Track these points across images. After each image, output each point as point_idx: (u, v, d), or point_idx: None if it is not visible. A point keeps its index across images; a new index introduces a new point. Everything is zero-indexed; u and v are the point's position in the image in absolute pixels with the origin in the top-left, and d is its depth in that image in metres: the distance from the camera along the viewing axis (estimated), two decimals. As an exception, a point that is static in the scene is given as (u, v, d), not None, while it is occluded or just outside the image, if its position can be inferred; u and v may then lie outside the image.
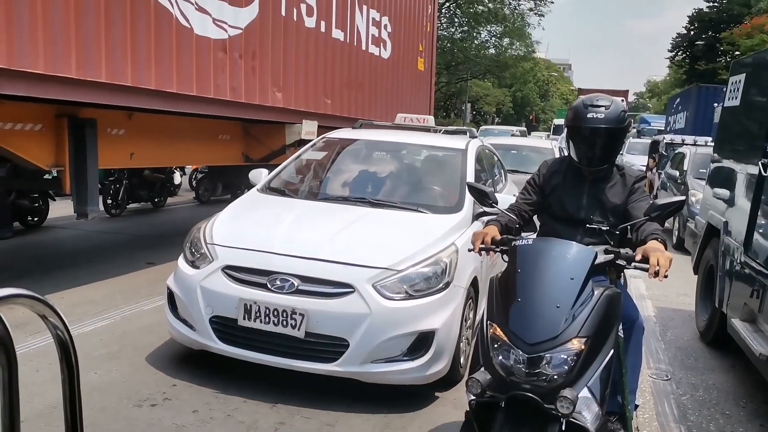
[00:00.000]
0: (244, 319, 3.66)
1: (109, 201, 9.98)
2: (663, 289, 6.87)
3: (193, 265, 3.99)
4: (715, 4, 42.07)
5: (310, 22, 8.46)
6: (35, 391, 3.56)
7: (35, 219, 8.70)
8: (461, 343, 3.97)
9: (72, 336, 1.36)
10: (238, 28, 6.93)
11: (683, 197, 2.94)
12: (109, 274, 6.37)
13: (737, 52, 29.02)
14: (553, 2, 34.18)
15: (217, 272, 3.82)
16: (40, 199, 8.64)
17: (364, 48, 10.29)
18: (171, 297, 4.06)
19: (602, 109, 2.82)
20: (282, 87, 7.95)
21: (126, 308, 5.32)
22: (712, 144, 7.52)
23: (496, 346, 2.41)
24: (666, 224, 9.75)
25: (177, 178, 11.83)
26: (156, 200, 11.28)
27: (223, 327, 3.77)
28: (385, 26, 11.06)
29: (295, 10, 8.06)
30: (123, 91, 5.51)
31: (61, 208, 8.94)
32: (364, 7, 10.09)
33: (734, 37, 33.17)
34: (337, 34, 9.32)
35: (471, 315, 4.23)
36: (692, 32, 43.18)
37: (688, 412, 4.05)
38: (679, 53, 45.47)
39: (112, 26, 5.25)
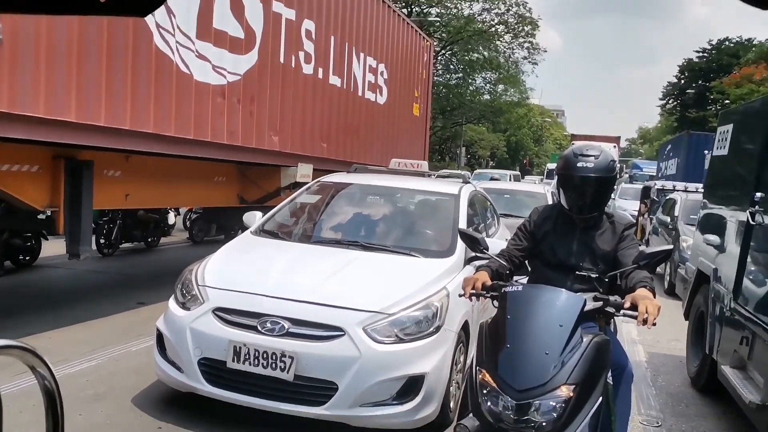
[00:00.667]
0: (233, 361, 3.64)
1: (102, 240, 9.96)
2: (654, 335, 6.85)
3: (183, 306, 3.98)
4: (705, 54, 43.13)
5: (307, 69, 8.64)
6: (19, 434, 3.50)
7: (27, 258, 8.66)
8: (451, 388, 3.95)
9: (59, 387, 1.37)
10: (237, 75, 7.07)
11: (671, 246, 2.99)
12: (99, 314, 6.33)
13: (727, 101, 29.60)
14: (546, 51, 34.95)
15: (208, 314, 3.82)
16: (33, 238, 8.62)
17: (360, 94, 10.48)
18: (160, 338, 4.04)
19: (592, 158, 2.89)
20: (279, 131, 8.06)
21: (114, 349, 5.27)
22: (702, 191, 7.61)
23: (485, 392, 2.41)
24: (658, 269, 9.78)
25: (171, 218, 11.84)
26: (149, 240, 11.26)
27: (212, 369, 3.74)
28: (382, 73, 11.29)
29: (293, 58, 8.23)
30: (121, 134, 5.59)
31: (53, 247, 8.91)
32: (362, 55, 10.31)
33: (724, 86, 33.88)
34: (334, 80, 9.51)
35: (461, 359, 4.22)
36: (683, 81, 44.14)
37: (680, 461, 4.01)
38: (670, 101, 46.38)
39: (113, 72, 5.36)
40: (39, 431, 1.49)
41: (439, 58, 32.51)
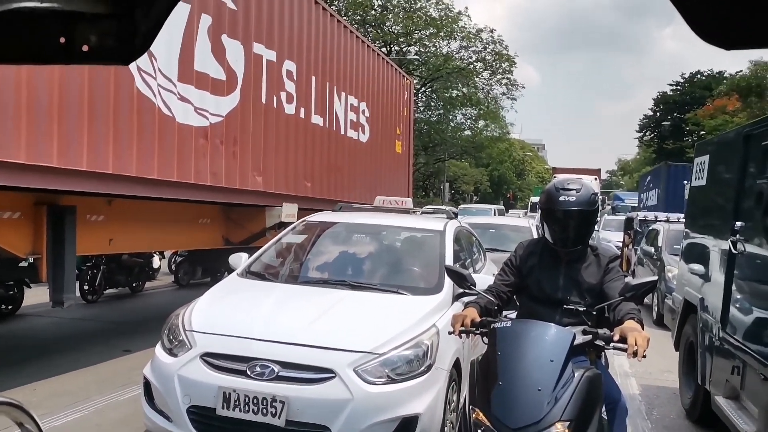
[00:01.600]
0: (223, 408, 3.57)
1: (86, 287, 9.81)
2: (646, 367, 6.84)
3: (170, 352, 3.92)
4: (678, 87, 44.23)
5: (289, 109, 8.71)
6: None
7: (9, 307, 8.49)
8: (445, 428, 3.90)
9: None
10: (220, 116, 7.11)
11: (655, 278, 3.01)
12: (84, 363, 6.21)
13: (702, 132, 30.25)
14: (524, 87, 35.63)
15: (196, 360, 3.75)
16: (15, 286, 8.48)
17: (342, 132, 10.57)
18: (147, 387, 3.96)
19: (573, 192, 2.93)
20: (262, 171, 8.07)
21: (100, 399, 5.15)
22: (684, 220, 7.71)
23: (479, 431, 2.38)
24: (645, 300, 9.82)
25: (156, 261, 11.72)
26: (134, 285, 11.12)
27: (201, 417, 3.66)
28: (363, 111, 11.41)
29: (275, 98, 8.31)
30: (104, 178, 5.56)
31: (36, 296, 8.76)
32: (343, 94, 10.43)
33: (698, 117, 34.70)
34: (317, 119, 9.59)
35: (454, 398, 4.17)
36: (659, 113, 45.17)
37: (678, 494, 3.97)
38: (647, 133, 47.34)
39: (95, 116, 5.36)
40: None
41: (420, 95, 33.00)
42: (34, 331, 7.91)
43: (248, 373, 3.61)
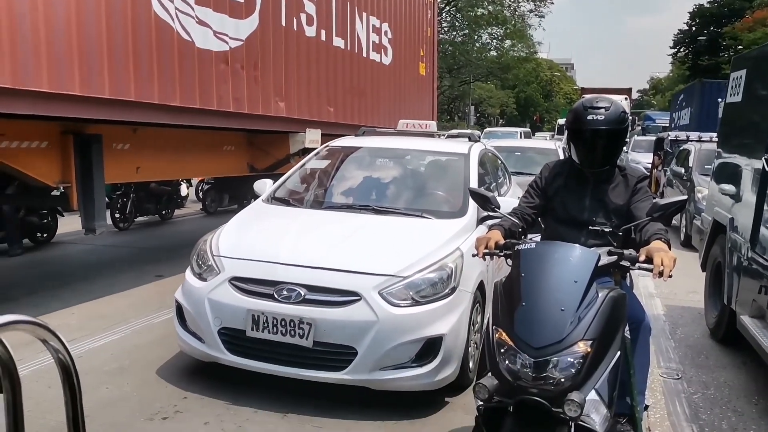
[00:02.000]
0: (252, 329, 3.67)
1: (117, 215, 10.05)
2: (672, 287, 6.84)
3: (200, 277, 4.01)
4: (716, -1, 42.02)
5: (310, 32, 8.51)
6: (48, 408, 3.58)
7: (44, 235, 8.76)
8: (469, 348, 3.97)
9: (73, 358, 1.38)
10: (239, 40, 6.98)
11: (685, 197, 2.94)
12: (118, 288, 6.42)
13: (740, 47, 28.93)
14: (553, 2, 34.20)
15: (224, 284, 3.84)
16: (49, 215, 8.71)
17: (365, 55, 10.34)
18: (179, 310, 4.09)
19: (602, 110, 2.83)
20: (284, 96, 7.99)
21: (136, 322, 5.35)
22: (717, 140, 7.50)
23: (502, 351, 2.41)
24: (673, 221, 9.71)
25: (184, 190, 11.89)
26: (163, 213, 11.34)
27: (232, 338, 3.79)
28: (386, 33, 11.10)
29: (295, 20, 8.11)
30: (127, 106, 5.57)
31: (69, 224, 9.00)
32: (364, 15, 10.13)
33: (736, 31, 33.12)
34: (338, 42, 9.37)
35: (478, 319, 4.23)
36: (694, 28, 43.17)
37: (699, 410, 4.04)
38: (681, 49, 45.46)
39: (114, 42, 5.31)
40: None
41: (444, 15, 31.95)
42: (69, 258, 8.16)
43: (275, 296, 3.69)
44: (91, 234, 6.06)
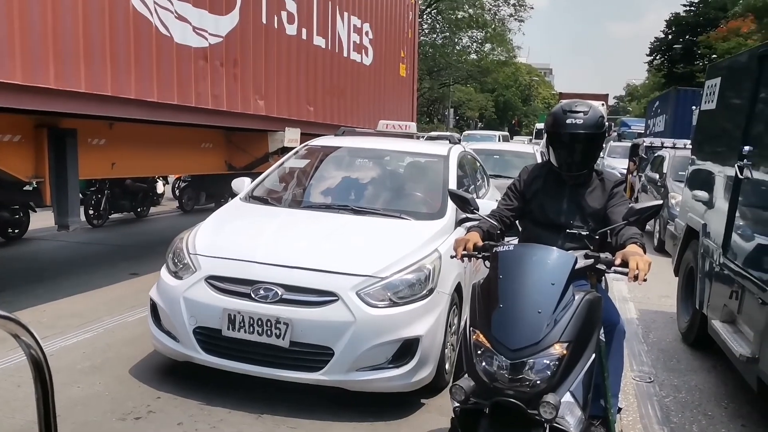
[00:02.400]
0: (228, 329, 3.64)
1: (91, 212, 9.88)
2: (645, 292, 6.94)
3: (176, 275, 3.97)
4: (692, 7, 42.73)
5: (291, 30, 8.47)
6: (17, 407, 3.51)
7: (16, 231, 8.58)
8: (446, 350, 3.98)
9: (45, 354, 1.35)
10: (219, 36, 6.92)
11: (660, 202, 2.98)
12: (92, 286, 6.31)
13: (714, 55, 29.46)
14: (532, 8, 34.51)
15: (200, 282, 3.80)
16: (21, 210, 8.53)
17: (345, 55, 10.32)
18: (154, 308, 4.04)
19: (581, 114, 2.86)
20: (264, 94, 7.94)
21: (109, 320, 5.27)
22: (691, 147, 7.62)
23: (479, 352, 2.42)
24: (647, 226, 9.85)
25: (160, 187, 11.74)
26: (138, 210, 11.19)
27: (207, 338, 3.75)
28: (367, 33, 11.10)
29: (276, 18, 8.06)
30: (103, 100, 5.48)
31: (42, 220, 8.83)
32: (345, 14, 10.12)
33: (711, 40, 33.68)
34: (319, 41, 9.34)
35: (455, 321, 4.25)
36: (670, 36, 43.82)
37: (671, 413, 4.10)
38: (657, 57, 46.09)
39: (91, 35, 5.22)
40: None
41: (425, 17, 32.04)
42: (41, 255, 8.02)
43: (252, 295, 3.66)
44: (64, 230, 5.95)
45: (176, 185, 12.92)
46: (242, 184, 5.11)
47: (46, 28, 4.81)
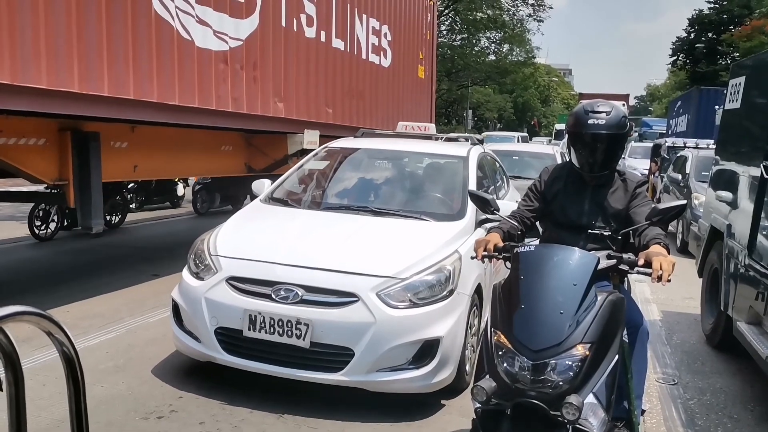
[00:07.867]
0: (249, 329, 3.66)
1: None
2: (668, 293, 6.85)
3: (197, 276, 4.00)
4: (716, 5, 42.07)
5: (310, 32, 8.51)
6: (42, 406, 3.56)
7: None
8: (466, 351, 3.97)
9: (78, 352, 1.37)
10: (239, 40, 6.98)
11: (684, 201, 2.94)
12: (114, 287, 6.39)
13: (737, 54, 29.04)
14: (551, 8, 34.22)
15: (222, 283, 3.83)
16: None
17: (364, 57, 10.34)
18: (176, 309, 4.07)
19: (603, 114, 2.83)
20: (283, 97, 7.98)
21: (131, 321, 5.33)
22: (714, 147, 7.51)
23: (500, 353, 2.41)
24: (670, 227, 9.74)
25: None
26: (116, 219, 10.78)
27: (229, 338, 3.77)
28: (385, 35, 11.11)
29: (295, 21, 8.10)
30: (126, 104, 5.55)
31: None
32: (364, 16, 10.13)
33: (734, 39, 33.18)
34: (338, 43, 9.37)
35: (475, 322, 4.23)
36: (692, 35, 43.19)
37: (695, 416, 4.04)
38: (679, 56, 45.45)
39: (114, 40, 5.29)
40: (63, 402, 1.50)
41: (443, 18, 31.96)
42: (63, 256, 8.11)
43: (273, 296, 3.68)
44: (88, 232, 6.04)
45: (195, 188, 13.00)
46: (262, 186, 5.13)
47: (71, 33, 4.88)
